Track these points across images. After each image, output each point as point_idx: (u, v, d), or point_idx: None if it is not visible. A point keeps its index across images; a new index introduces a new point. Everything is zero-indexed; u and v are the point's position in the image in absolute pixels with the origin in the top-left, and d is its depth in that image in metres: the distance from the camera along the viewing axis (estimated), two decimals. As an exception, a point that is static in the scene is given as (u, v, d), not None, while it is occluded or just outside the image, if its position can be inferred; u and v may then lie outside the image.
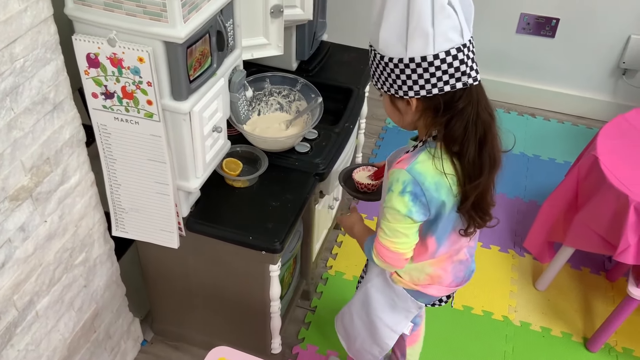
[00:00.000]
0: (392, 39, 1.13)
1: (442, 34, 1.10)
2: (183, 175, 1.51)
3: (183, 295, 1.89)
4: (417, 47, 1.11)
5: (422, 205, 1.23)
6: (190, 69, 1.33)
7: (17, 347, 1.39)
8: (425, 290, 1.43)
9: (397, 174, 1.23)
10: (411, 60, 1.12)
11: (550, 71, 3.15)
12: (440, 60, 1.12)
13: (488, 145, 1.20)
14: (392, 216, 1.26)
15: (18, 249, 1.31)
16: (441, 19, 1.09)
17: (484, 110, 1.19)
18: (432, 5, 1.08)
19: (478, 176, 1.20)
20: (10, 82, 1.17)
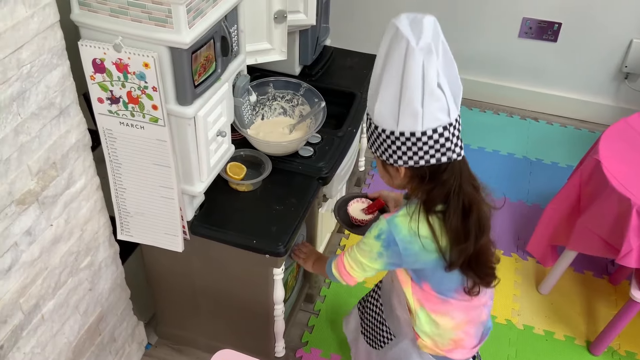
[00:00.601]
0: (385, 113, 1.23)
1: (430, 113, 1.20)
2: (188, 180, 1.52)
3: (187, 298, 1.90)
4: (407, 124, 1.21)
5: (394, 253, 1.34)
6: (195, 74, 1.34)
7: (23, 350, 1.40)
8: (450, 355, 1.50)
9: (378, 222, 1.36)
10: (401, 134, 1.22)
11: (552, 75, 3.16)
12: (428, 137, 1.22)
13: (473, 215, 1.28)
14: (363, 251, 1.39)
15: (24, 252, 1.32)
16: (430, 101, 1.19)
17: (467, 183, 1.29)
18: (422, 89, 1.18)
19: (464, 242, 1.29)
20: (17, 88, 1.19)
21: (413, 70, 1.16)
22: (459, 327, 1.46)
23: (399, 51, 1.17)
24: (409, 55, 1.16)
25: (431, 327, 1.45)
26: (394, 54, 1.19)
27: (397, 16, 1.21)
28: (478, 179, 1.34)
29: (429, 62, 1.16)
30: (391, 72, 1.20)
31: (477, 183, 1.32)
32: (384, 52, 1.22)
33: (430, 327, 1.46)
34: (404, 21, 1.19)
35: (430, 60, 1.17)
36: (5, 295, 1.29)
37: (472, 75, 3.30)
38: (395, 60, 1.18)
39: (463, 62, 3.22)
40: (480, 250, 1.32)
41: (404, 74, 1.18)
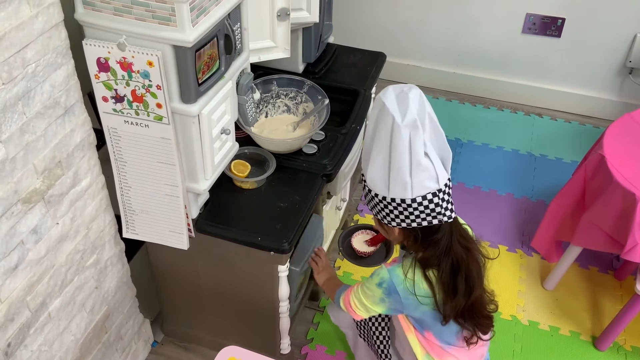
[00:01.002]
0: (377, 180, 1.31)
1: (419, 183, 1.26)
2: (192, 177, 1.52)
3: (193, 296, 1.91)
4: (397, 192, 1.28)
5: (395, 301, 1.42)
6: (198, 72, 1.35)
7: (30, 347, 1.41)
8: None
9: (379, 270, 1.44)
10: (392, 200, 1.30)
11: (556, 71, 3.16)
12: (417, 204, 1.28)
13: (461, 273, 1.35)
14: (367, 295, 1.47)
15: (31, 251, 1.33)
16: (418, 172, 1.25)
17: (457, 243, 1.35)
18: (409, 161, 1.25)
19: (454, 297, 1.36)
20: (23, 87, 1.19)
21: (399, 145, 1.24)
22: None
23: (386, 126, 1.25)
24: (395, 131, 1.23)
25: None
26: (382, 128, 1.26)
27: (385, 90, 1.29)
28: (470, 236, 1.42)
29: (415, 136, 1.23)
30: (380, 145, 1.28)
31: (469, 242, 1.39)
32: (372, 123, 1.30)
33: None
34: (391, 96, 1.26)
35: (417, 134, 1.23)
36: (12, 294, 1.30)
37: (476, 72, 3.30)
38: (383, 134, 1.26)
39: (467, 59, 3.24)
40: (473, 304, 1.39)
41: (392, 147, 1.25)
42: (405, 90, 1.26)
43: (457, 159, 2.90)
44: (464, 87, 3.36)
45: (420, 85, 3.35)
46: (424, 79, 3.40)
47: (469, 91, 3.37)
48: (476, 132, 3.07)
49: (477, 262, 1.40)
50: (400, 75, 3.41)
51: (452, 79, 3.35)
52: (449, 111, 3.24)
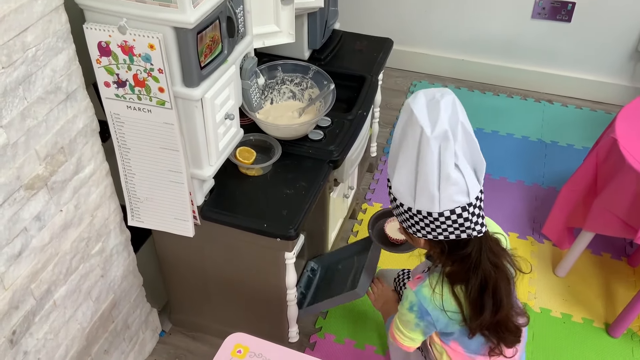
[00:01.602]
0: (403, 190, 1.23)
1: (447, 197, 1.18)
2: (196, 163, 1.51)
3: (200, 284, 1.90)
4: (423, 204, 1.21)
5: (429, 323, 1.37)
6: (201, 55, 1.33)
7: (35, 336, 1.40)
8: None
9: (407, 293, 1.38)
10: (418, 211, 1.22)
11: (567, 56, 3.11)
12: (445, 217, 1.21)
13: (489, 291, 1.28)
14: (403, 322, 1.42)
15: (34, 238, 1.32)
16: (446, 186, 1.17)
17: (487, 260, 1.27)
18: (438, 174, 1.16)
19: (480, 314, 1.30)
20: (23, 71, 1.18)
21: (428, 157, 1.15)
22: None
23: (414, 137, 1.16)
24: (424, 143, 1.15)
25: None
26: (409, 138, 1.18)
27: (415, 95, 1.19)
28: (501, 250, 1.32)
29: (445, 149, 1.14)
30: (407, 154, 1.19)
31: (499, 257, 1.30)
32: (399, 131, 1.21)
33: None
34: (420, 103, 1.16)
35: (447, 146, 1.14)
36: (16, 281, 1.29)
37: (485, 58, 3.25)
38: (410, 144, 1.17)
39: (475, 45, 3.19)
40: (500, 321, 1.33)
41: (419, 159, 1.17)
42: (437, 97, 1.17)
43: (467, 146, 2.86)
44: (473, 74, 3.32)
45: (429, 74, 3.36)
46: (432, 67, 3.36)
47: (478, 78, 3.33)
48: (485, 119, 3.04)
49: (507, 279, 1.32)
50: (408, 63, 3.37)
51: (461, 66, 3.31)
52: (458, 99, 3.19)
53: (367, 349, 2.00)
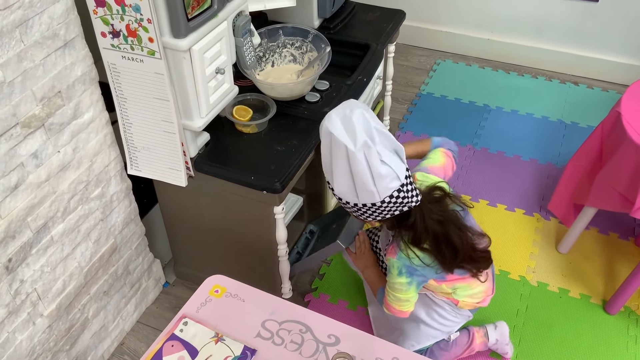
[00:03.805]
0: (345, 192, 1.41)
1: (383, 188, 1.36)
2: (187, 115, 1.59)
3: (198, 238, 1.99)
4: (365, 199, 1.39)
5: (419, 276, 1.54)
6: (187, 7, 1.40)
7: (32, 267, 1.51)
8: (482, 304, 1.72)
9: (391, 262, 1.54)
10: (363, 205, 1.41)
11: (594, 37, 3.04)
12: (387, 203, 1.39)
13: (442, 242, 1.47)
14: (396, 289, 1.57)
15: (31, 174, 1.43)
16: (380, 180, 1.35)
17: (430, 220, 1.45)
18: (370, 174, 1.34)
19: (444, 260, 1.49)
20: (20, 15, 1.28)
21: (358, 166, 1.33)
22: (488, 281, 1.70)
23: (341, 154, 1.34)
24: (351, 157, 1.33)
25: (468, 291, 1.66)
26: (337, 155, 1.35)
27: (328, 117, 1.37)
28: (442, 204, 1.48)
29: (369, 154, 1.32)
30: (339, 168, 1.37)
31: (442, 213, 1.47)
32: (327, 149, 1.38)
33: (467, 292, 1.66)
34: (336, 123, 1.34)
35: (370, 152, 1.32)
36: (12, 212, 1.40)
37: (511, 39, 3.22)
38: (340, 160, 1.35)
39: (502, 25, 3.17)
40: (463, 257, 1.50)
41: (352, 169, 1.34)
42: (348, 114, 1.34)
43: (483, 124, 2.85)
44: (498, 54, 3.29)
45: (453, 53, 3.36)
46: (457, 46, 3.35)
47: (503, 58, 3.29)
48: (507, 99, 3.01)
49: (454, 224, 1.48)
50: (432, 41, 3.37)
51: (486, 45, 3.28)
52: (480, 78, 3.18)
53: (358, 309, 2.05)
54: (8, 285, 1.45)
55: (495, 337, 1.85)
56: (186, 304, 1.40)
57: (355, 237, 1.79)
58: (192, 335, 1.31)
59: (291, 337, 1.33)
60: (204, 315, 1.37)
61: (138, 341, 1.99)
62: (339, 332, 1.34)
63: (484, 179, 2.56)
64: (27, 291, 1.52)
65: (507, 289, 2.11)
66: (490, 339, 1.85)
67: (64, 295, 1.65)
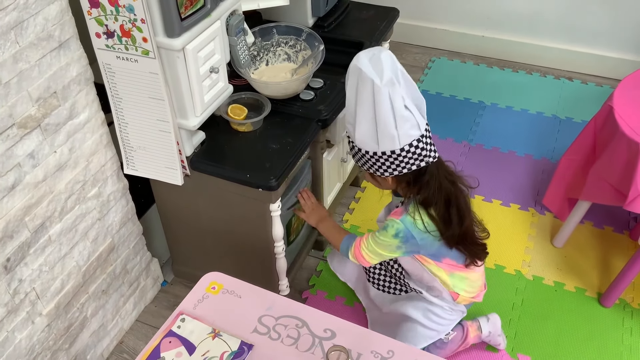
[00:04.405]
0: (367, 139, 1.45)
1: (404, 133, 1.41)
2: (182, 114, 1.60)
3: (196, 236, 2.00)
4: (386, 145, 1.43)
5: (412, 245, 1.58)
6: (180, 7, 1.41)
7: (31, 266, 1.53)
8: (476, 299, 1.78)
9: (392, 222, 1.57)
10: (383, 153, 1.45)
11: (589, 32, 3.05)
12: (405, 152, 1.44)
13: (453, 205, 1.53)
14: (382, 245, 1.61)
15: (28, 174, 1.44)
16: (402, 123, 1.40)
17: (445, 179, 1.52)
18: (393, 116, 1.38)
19: (450, 227, 1.54)
20: (15, 17, 1.29)
21: (382, 103, 1.37)
22: (483, 273, 1.77)
23: (367, 90, 1.38)
24: (377, 92, 1.36)
25: (465, 283, 1.71)
26: (363, 92, 1.39)
27: (357, 57, 1.41)
28: (454, 172, 1.56)
29: (394, 93, 1.37)
30: (364, 107, 1.40)
31: (453, 176, 1.55)
32: (353, 89, 1.42)
33: (464, 284, 1.71)
34: (364, 61, 1.39)
35: (395, 90, 1.37)
36: (10, 212, 1.42)
37: (505, 35, 3.23)
38: (365, 97, 1.39)
39: (496, 22, 3.18)
40: (466, 232, 1.58)
41: (375, 107, 1.38)
42: (376, 53, 1.39)
43: (478, 121, 2.87)
44: (493, 51, 3.30)
45: (448, 50, 3.37)
46: (452, 43, 3.36)
47: (497, 55, 3.31)
48: (502, 95, 3.03)
49: (463, 193, 1.57)
50: (427, 39, 3.39)
51: (481, 42, 3.30)
52: (475, 75, 3.20)
53: (355, 306, 2.06)
54: (7, 284, 1.46)
55: (488, 330, 1.87)
56: (183, 301, 1.42)
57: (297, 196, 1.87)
58: (189, 332, 1.32)
59: (287, 332, 1.34)
60: (201, 311, 1.39)
61: (137, 339, 2.00)
62: (334, 327, 1.35)
63: (479, 175, 2.53)
64: (26, 290, 1.53)
65: (503, 283, 2.12)
66: (484, 331, 1.87)
67: (62, 295, 1.66)
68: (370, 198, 2.47)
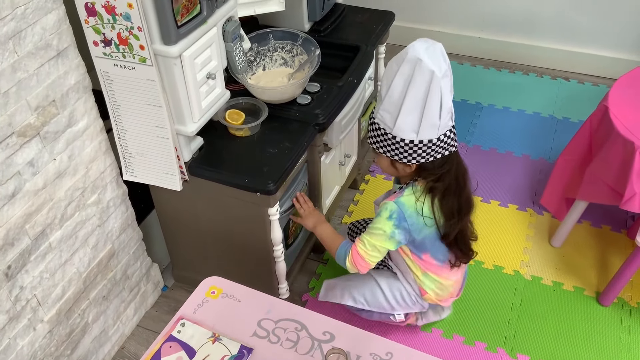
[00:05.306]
0: (406, 127, 1.48)
1: (444, 123, 1.49)
2: (180, 120, 1.61)
3: (196, 241, 2.01)
4: (425, 134, 1.49)
5: (404, 230, 1.61)
6: (177, 14, 1.43)
7: (32, 273, 1.54)
8: (444, 303, 1.85)
9: (386, 205, 1.62)
10: (420, 142, 1.50)
11: (585, 33, 3.07)
12: (441, 141, 1.51)
13: (464, 195, 1.62)
14: (377, 235, 1.64)
15: (28, 182, 1.46)
16: (445, 114, 1.47)
17: (460, 169, 1.60)
18: (440, 107, 1.45)
19: (456, 217, 1.61)
20: (13, 27, 1.31)
21: (435, 94, 1.42)
22: (457, 282, 1.82)
23: (424, 80, 1.41)
24: (434, 83, 1.41)
25: (436, 286, 1.78)
26: (418, 83, 1.42)
27: (412, 47, 1.44)
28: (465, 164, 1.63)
29: (445, 86, 1.44)
30: (415, 97, 1.43)
31: (466, 169, 1.63)
32: (404, 79, 1.43)
33: (435, 286, 1.78)
34: (422, 51, 1.42)
35: (446, 83, 1.44)
36: (10, 220, 1.43)
37: (502, 36, 3.25)
38: (420, 87, 1.42)
39: (492, 23, 3.19)
40: (464, 227, 1.67)
41: (428, 97, 1.43)
42: (431, 45, 1.45)
43: (475, 122, 2.88)
44: (490, 52, 3.32)
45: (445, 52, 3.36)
46: (448, 45, 3.31)
47: (494, 56, 3.33)
48: (499, 96, 3.04)
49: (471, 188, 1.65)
50: (424, 41, 3.40)
51: (477, 44, 3.32)
52: (472, 76, 3.21)
53: (355, 308, 2.07)
54: (8, 291, 1.48)
55: (423, 323, 1.96)
56: (183, 306, 1.43)
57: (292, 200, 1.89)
58: (189, 336, 1.33)
59: (287, 335, 1.36)
60: (201, 316, 1.40)
61: (138, 345, 2.02)
62: (333, 329, 1.36)
63: (477, 176, 2.55)
64: (27, 297, 1.54)
65: (502, 283, 2.14)
66: (418, 324, 1.96)
67: (63, 301, 1.67)
68: (369, 201, 2.49)
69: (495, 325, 2.00)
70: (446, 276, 1.77)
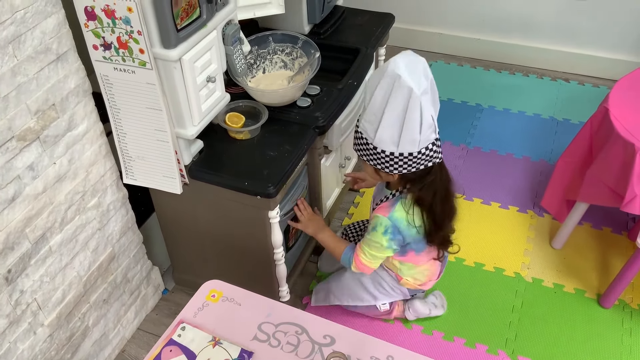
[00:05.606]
0: (386, 139, 1.48)
1: (425, 138, 1.47)
2: (180, 123, 1.61)
3: (196, 244, 2.01)
4: (406, 148, 1.48)
5: (398, 240, 1.69)
6: (177, 18, 1.43)
7: (32, 277, 1.54)
8: (423, 287, 1.91)
9: (380, 220, 1.66)
10: (400, 154, 1.49)
11: (585, 34, 3.07)
12: (422, 154, 1.50)
13: (449, 202, 1.65)
14: (375, 248, 1.71)
15: (28, 186, 1.46)
16: (425, 130, 1.45)
17: (445, 179, 1.61)
18: (420, 122, 1.43)
19: (441, 224, 1.66)
20: (12, 31, 1.31)
21: (415, 110, 1.41)
22: (430, 268, 1.86)
23: (403, 96, 1.40)
24: (413, 101, 1.40)
25: (413, 271, 1.84)
26: (398, 97, 1.41)
27: (394, 61, 1.41)
28: (449, 173, 1.64)
29: (425, 102, 1.42)
30: (394, 112, 1.42)
31: (450, 177, 1.63)
32: (384, 93, 1.42)
33: (411, 271, 1.84)
34: (401, 67, 1.39)
35: (427, 99, 1.42)
36: (10, 224, 1.43)
37: (501, 38, 3.25)
38: (399, 103, 1.41)
39: (492, 24, 3.19)
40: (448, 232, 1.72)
41: (407, 113, 1.42)
42: (413, 60, 1.42)
43: (476, 124, 2.88)
44: (489, 53, 3.32)
45: (444, 53, 3.39)
46: (448, 47, 3.38)
47: (494, 58, 3.33)
48: (499, 97, 3.04)
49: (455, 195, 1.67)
50: (423, 43, 3.40)
51: (477, 45, 3.31)
52: (472, 78, 3.21)
53: (356, 311, 2.07)
54: (8, 295, 1.48)
55: (413, 316, 2.01)
56: (183, 310, 1.43)
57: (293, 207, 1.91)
58: (190, 340, 1.33)
59: (287, 338, 1.35)
60: (201, 319, 1.39)
61: (139, 348, 2.01)
62: (334, 333, 1.36)
63: (478, 178, 2.59)
64: (27, 301, 1.54)
65: (503, 285, 2.13)
66: (408, 317, 2.01)
67: (63, 305, 1.67)
68: (369, 203, 2.48)
69: (496, 327, 2.00)
70: (423, 263, 1.82)
